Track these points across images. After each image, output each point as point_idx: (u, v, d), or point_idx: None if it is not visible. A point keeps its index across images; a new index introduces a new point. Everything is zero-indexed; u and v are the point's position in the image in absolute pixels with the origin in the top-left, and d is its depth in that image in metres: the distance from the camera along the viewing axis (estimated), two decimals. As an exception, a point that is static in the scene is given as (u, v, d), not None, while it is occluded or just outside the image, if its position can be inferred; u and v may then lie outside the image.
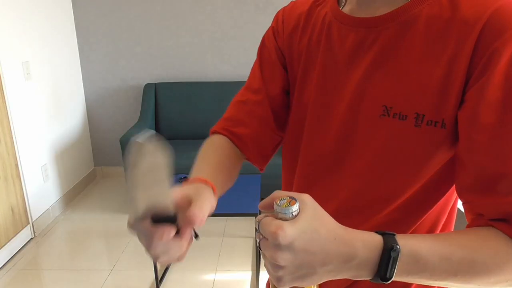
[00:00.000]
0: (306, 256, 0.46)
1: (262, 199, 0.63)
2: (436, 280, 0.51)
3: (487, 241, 0.52)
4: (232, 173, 0.76)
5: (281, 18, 0.76)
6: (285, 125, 0.78)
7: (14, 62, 2.71)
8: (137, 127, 3.22)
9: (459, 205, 0.64)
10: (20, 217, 2.75)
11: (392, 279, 0.49)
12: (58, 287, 2.40)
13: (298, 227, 0.45)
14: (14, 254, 2.68)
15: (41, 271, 2.54)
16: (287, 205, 0.46)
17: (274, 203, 0.47)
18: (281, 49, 0.75)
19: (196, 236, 0.53)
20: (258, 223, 0.47)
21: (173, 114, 3.43)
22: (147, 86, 3.50)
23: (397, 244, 0.48)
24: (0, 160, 2.54)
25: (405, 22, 0.57)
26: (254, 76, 0.78)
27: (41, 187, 2.99)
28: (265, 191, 2.85)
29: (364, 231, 0.50)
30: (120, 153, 3.58)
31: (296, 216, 0.46)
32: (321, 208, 0.49)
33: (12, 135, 2.66)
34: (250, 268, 2.51)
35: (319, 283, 0.50)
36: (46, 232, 2.96)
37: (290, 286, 0.48)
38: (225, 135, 0.78)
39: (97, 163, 3.83)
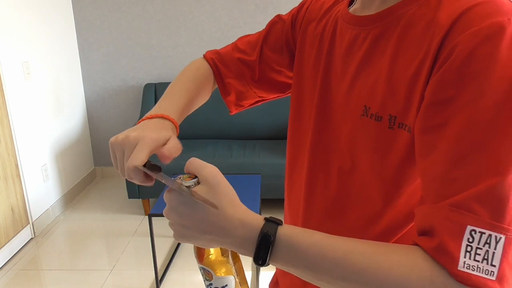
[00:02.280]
0: (189, 221, 0.52)
1: (262, 199, 0.66)
2: (322, 280, 0.50)
3: (394, 253, 0.48)
4: (203, 97, 0.85)
5: (307, 5, 0.79)
6: (266, 90, 0.87)
7: (14, 62, 2.71)
8: (137, 127, 3.22)
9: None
10: (20, 217, 2.75)
11: (272, 264, 0.51)
12: (58, 287, 2.40)
13: (185, 197, 0.52)
14: (14, 254, 2.68)
15: (41, 271, 2.54)
16: (185, 178, 0.54)
17: (181, 176, 0.54)
18: (294, 36, 0.79)
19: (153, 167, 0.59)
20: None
21: (173, 114, 3.42)
22: (147, 86, 3.50)
23: (273, 233, 0.49)
24: (0, 160, 2.54)
25: (391, 22, 0.56)
26: (259, 35, 0.85)
27: (41, 187, 2.99)
28: (265, 191, 2.87)
29: (252, 213, 0.53)
30: (120, 153, 3.57)
31: (191, 189, 0.53)
32: (223, 186, 0.53)
33: (12, 135, 2.66)
34: (250, 268, 2.51)
35: (209, 247, 0.56)
36: (46, 232, 2.96)
37: (183, 241, 0.55)
38: (212, 67, 0.86)
39: (97, 163, 3.83)
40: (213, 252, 0.62)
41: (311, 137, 0.69)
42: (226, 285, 0.64)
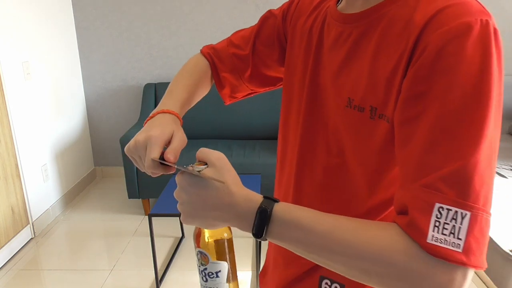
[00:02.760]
0: (198, 199, 0.58)
1: None
2: (311, 253, 0.55)
3: (373, 228, 0.54)
4: (202, 91, 0.90)
5: (297, 1, 0.82)
6: (257, 84, 0.91)
7: (14, 62, 2.71)
8: (137, 127, 3.22)
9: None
10: (20, 217, 2.75)
11: (270, 240, 0.56)
12: (58, 287, 2.40)
13: (195, 176, 0.57)
14: (14, 254, 2.68)
15: (41, 271, 2.54)
16: (197, 165, 0.59)
17: (193, 164, 0.60)
18: (285, 31, 0.83)
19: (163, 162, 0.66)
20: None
21: (173, 114, 3.42)
22: (147, 86, 3.50)
23: (270, 209, 0.55)
24: (0, 160, 2.54)
25: (373, 21, 0.61)
26: (252, 30, 0.89)
27: (41, 187, 2.99)
28: (265, 191, 2.86)
29: (253, 192, 0.59)
30: (120, 153, 3.58)
31: (200, 171, 0.59)
32: (228, 168, 0.59)
33: (12, 135, 2.66)
34: (250, 268, 2.51)
35: (213, 227, 0.60)
36: (46, 232, 2.96)
37: (190, 222, 0.60)
38: (209, 62, 0.91)
39: (97, 163, 3.83)
40: (211, 236, 0.67)
41: (301, 127, 0.74)
42: (220, 271, 0.68)
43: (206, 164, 0.59)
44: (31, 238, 2.86)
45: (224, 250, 0.69)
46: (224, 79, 0.91)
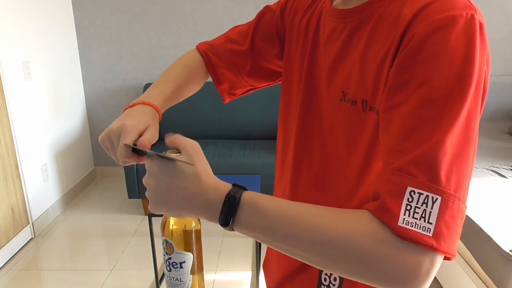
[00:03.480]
0: (167, 186, 0.57)
1: None
2: (278, 241, 0.54)
3: (343, 214, 0.53)
4: (193, 87, 0.90)
5: None
6: (257, 79, 0.91)
7: (14, 62, 2.71)
8: (137, 127, 3.22)
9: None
10: (20, 217, 2.75)
11: (236, 229, 0.55)
12: (58, 287, 2.40)
13: (165, 162, 0.57)
14: (14, 254, 2.68)
15: (41, 271, 2.55)
16: (170, 152, 0.59)
17: (166, 151, 0.59)
18: (283, 25, 0.83)
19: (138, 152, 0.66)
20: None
21: (173, 114, 3.42)
22: (147, 86, 3.50)
23: (239, 196, 0.54)
24: (0, 160, 2.54)
25: (366, 16, 0.62)
26: (250, 25, 0.89)
27: (41, 187, 2.99)
28: (265, 191, 2.86)
29: (222, 181, 0.58)
30: (120, 153, 3.57)
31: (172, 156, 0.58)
32: (200, 156, 0.59)
33: (12, 135, 2.66)
34: (250, 268, 2.51)
35: (181, 216, 0.59)
36: (46, 232, 2.96)
37: (157, 209, 0.59)
38: (204, 59, 0.91)
39: (97, 163, 3.83)
40: (177, 225, 0.67)
41: (298, 120, 0.75)
42: (184, 262, 0.67)
43: (179, 152, 0.59)
44: (31, 238, 2.86)
45: (190, 241, 0.68)
46: (222, 75, 0.91)
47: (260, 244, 2.43)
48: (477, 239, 1.86)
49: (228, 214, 0.54)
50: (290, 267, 0.78)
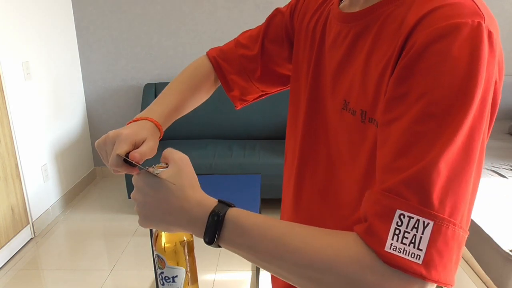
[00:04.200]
0: (153, 201, 0.57)
1: (262, 199, 0.69)
2: (262, 260, 0.52)
3: (328, 235, 0.50)
4: (201, 96, 0.89)
5: None
6: (268, 84, 0.89)
7: (14, 62, 2.71)
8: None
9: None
10: (20, 217, 2.75)
11: (223, 246, 0.54)
12: (58, 287, 2.40)
13: (152, 177, 0.57)
14: (14, 254, 2.68)
15: (41, 271, 2.54)
16: (158, 166, 0.59)
17: (156, 164, 0.60)
18: (293, 27, 0.81)
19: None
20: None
21: (173, 114, 3.42)
22: (147, 86, 3.49)
23: (223, 213, 0.53)
24: (0, 160, 2.54)
25: (370, 21, 0.59)
26: (260, 29, 0.87)
27: (41, 187, 2.99)
28: (265, 191, 2.87)
29: (208, 196, 0.57)
30: (120, 153, 3.57)
31: (157, 171, 0.59)
32: (188, 170, 0.58)
33: (12, 135, 2.66)
34: (250, 268, 2.51)
35: (169, 230, 0.59)
36: (46, 232, 2.96)
37: (146, 224, 0.59)
38: (212, 63, 0.89)
39: (97, 163, 3.83)
40: (169, 240, 0.67)
41: (303, 126, 0.73)
42: (176, 276, 0.67)
43: (168, 165, 0.59)
44: (31, 238, 2.86)
45: (182, 254, 0.68)
46: (232, 81, 0.89)
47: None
48: (477, 239, 1.87)
49: (213, 232, 0.53)
50: None
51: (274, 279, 0.89)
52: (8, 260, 2.61)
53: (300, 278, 0.50)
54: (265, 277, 2.42)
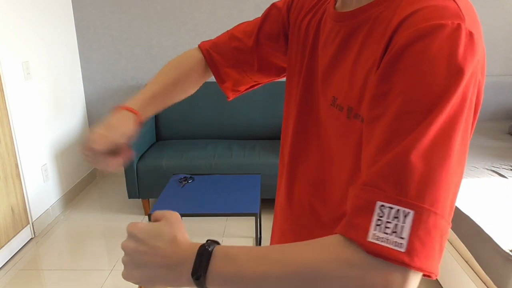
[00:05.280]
0: (146, 248, 0.56)
1: (262, 199, 0.70)
2: (252, 284, 0.51)
3: (311, 243, 0.51)
4: (186, 86, 0.90)
5: None
6: (264, 75, 0.90)
7: (14, 62, 2.71)
8: (137, 127, 3.22)
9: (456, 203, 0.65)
10: (20, 217, 2.75)
11: (210, 285, 0.52)
12: (58, 287, 2.40)
13: (147, 225, 0.58)
14: (14, 254, 2.68)
15: (41, 271, 2.54)
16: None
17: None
18: (290, 23, 0.82)
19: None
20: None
21: (173, 114, 3.43)
22: (147, 86, 3.49)
23: (212, 246, 0.53)
24: (0, 160, 2.54)
25: (361, 21, 0.60)
26: (255, 23, 0.88)
27: (41, 187, 2.99)
28: (265, 191, 2.87)
29: (199, 243, 0.56)
30: (120, 153, 3.57)
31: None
32: (179, 224, 0.58)
33: (12, 135, 2.66)
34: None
35: (153, 285, 0.57)
36: (46, 232, 2.96)
37: (130, 275, 0.57)
38: (204, 55, 0.90)
39: (97, 163, 3.83)
40: None
41: (294, 122, 0.75)
42: None
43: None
44: (31, 238, 2.86)
45: None
46: (226, 74, 0.90)
47: (260, 244, 2.43)
48: (477, 239, 1.86)
49: (200, 266, 0.52)
50: None
51: None
52: (8, 260, 2.61)
53: None
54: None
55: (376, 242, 0.45)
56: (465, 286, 1.96)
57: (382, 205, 0.46)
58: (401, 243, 0.45)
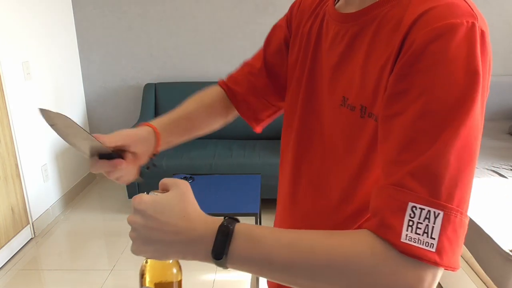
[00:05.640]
0: (155, 223, 0.54)
1: (262, 199, 0.70)
2: (275, 271, 0.52)
3: (340, 235, 0.52)
4: (205, 123, 0.89)
5: (298, 2, 0.83)
6: (279, 95, 0.87)
7: (14, 62, 2.71)
8: (137, 127, 3.22)
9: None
10: (20, 217, 2.75)
11: (231, 264, 0.52)
12: (58, 287, 2.40)
13: (154, 198, 0.55)
14: (14, 254, 2.68)
15: (41, 271, 2.54)
16: (157, 192, 0.57)
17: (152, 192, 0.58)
18: (290, 33, 0.83)
19: (149, 167, 0.71)
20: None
21: (173, 114, 3.42)
22: (147, 86, 3.49)
23: (233, 225, 0.53)
24: (0, 160, 2.54)
25: (367, 20, 0.61)
26: (263, 46, 0.89)
27: (41, 187, 2.99)
28: (265, 191, 2.87)
29: (213, 216, 0.56)
30: (120, 153, 3.57)
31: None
32: (189, 195, 0.57)
33: (12, 135, 2.66)
34: (250, 268, 2.51)
35: (166, 258, 0.57)
36: (46, 232, 2.96)
37: (142, 249, 0.55)
38: (223, 89, 0.90)
39: (97, 163, 3.83)
40: (157, 277, 0.63)
41: (298, 125, 0.76)
42: None
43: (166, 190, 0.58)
44: (31, 238, 2.86)
45: None
46: (244, 101, 0.90)
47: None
48: (477, 239, 1.87)
49: (222, 245, 0.52)
50: None
51: (270, 282, 0.89)
52: (8, 260, 2.61)
53: (317, 280, 0.51)
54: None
55: (409, 242, 0.47)
56: (465, 286, 1.96)
57: (414, 206, 0.48)
58: (432, 243, 0.47)
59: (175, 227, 0.54)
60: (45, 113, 0.63)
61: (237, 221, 0.55)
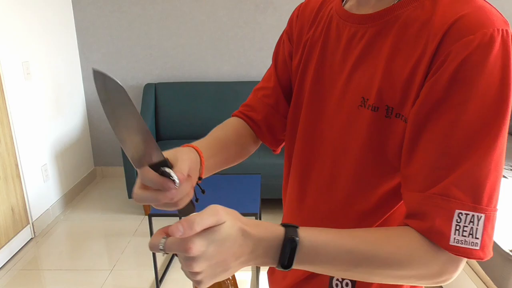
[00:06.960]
0: (221, 256, 0.53)
1: (262, 199, 0.68)
2: (339, 270, 0.58)
3: (393, 237, 0.58)
4: (236, 149, 0.84)
5: (296, 13, 0.82)
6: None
7: (14, 62, 2.71)
8: (137, 127, 3.22)
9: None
10: (20, 217, 2.75)
11: (294, 267, 0.56)
12: (58, 287, 2.40)
13: (206, 235, 0.52)
14: (14, 254, 2.68)
15: (41, 271, 2.55)
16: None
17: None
18: (292, 46, 0.82)
19: (203, 191, 0.64)
20: (163, 245, 0.53)
21: (173, 114, 3.43)
22: (147, 86, 3.50)
23: (297, 236, 0.55)
24: (0, 160, 2.54)
25: (388, 22, 0.62)
26: (271, 65, 0.88)
27: (41, 187, 2.99)
28: (265, 191, 2.87)
29: (269, 224, 0.57)
30: (120, 153, 3.58)
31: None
32: (224, 209, 0.55)
33: (12, 135, 2.66)
34: (250, 268, 2.51)
35: (232, 273, 0.56)
36: (46, 232, 2.96)
37: (212, 281, 0.54)
38: (242, 118, 0.87)
39: (97, 163, 3.83)
40: None
41: (303, 128, 0.75)
42: None
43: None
44: (31, 238, 2.86)
45: None
46: (265, 126, 0.86)
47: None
48: (477, 239, 1.86)
49: (289, 257, 0.55)
50: (299, 277, 0.76)
51: (271, 281, 0.89)
52: (8, 260, 2.62)
53: (375, 277, 0.59)
54: (265, 277, 2.42)
55: (457, 245, 0.54)
56: (465, 286, 1.96)
57: (460, 213, 0.54)
58: (476, 243, 0.54)
59: (240, 248, 0.54)
60: (100, 77, 0.50)
61: (296, 227, 0.57)
